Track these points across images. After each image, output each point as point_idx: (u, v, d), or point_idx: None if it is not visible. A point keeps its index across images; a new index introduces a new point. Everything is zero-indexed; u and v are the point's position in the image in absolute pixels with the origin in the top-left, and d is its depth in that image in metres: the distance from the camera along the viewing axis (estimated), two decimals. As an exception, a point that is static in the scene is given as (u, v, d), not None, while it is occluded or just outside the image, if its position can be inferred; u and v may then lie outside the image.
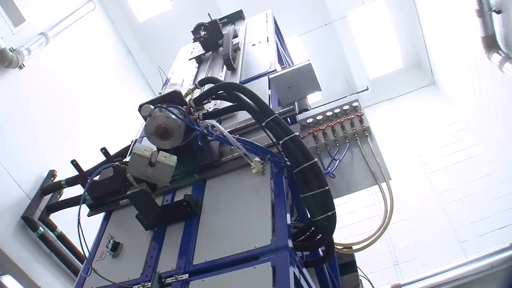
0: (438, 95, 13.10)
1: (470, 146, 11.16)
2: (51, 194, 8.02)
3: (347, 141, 4.34)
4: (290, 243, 3.14)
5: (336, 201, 3.52)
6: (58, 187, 7.92)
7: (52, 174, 8.31)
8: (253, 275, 2.98)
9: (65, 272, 7.92)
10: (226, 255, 3.22)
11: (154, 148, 3.78)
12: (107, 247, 3.85)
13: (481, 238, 9.56)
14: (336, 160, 4.24)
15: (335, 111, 4.51)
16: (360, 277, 5.47)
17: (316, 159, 3.46)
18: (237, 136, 3.84)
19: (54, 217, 7.83)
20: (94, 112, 10.51)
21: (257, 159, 3.68)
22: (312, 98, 6.03)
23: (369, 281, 5.67)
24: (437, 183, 10.90)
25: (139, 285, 3.40)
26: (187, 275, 3.26)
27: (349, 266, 5.31)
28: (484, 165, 10.59)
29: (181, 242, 3.54)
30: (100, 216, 4.45)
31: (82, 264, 4.34)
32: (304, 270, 3.39)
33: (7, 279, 7.99)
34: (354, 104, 4.56)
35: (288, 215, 3.38)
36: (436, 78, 13.36)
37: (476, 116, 10.85)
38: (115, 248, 3.83)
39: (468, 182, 10.48)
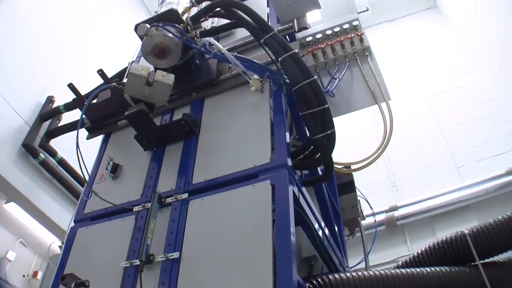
0: (439, 18, 12.81)
1: (470, 72, 11.06)
2: (50, 120, 8.03)
3: (347, 60, 4.27)
4: (289, 162, 3.13)
5: (335, 121, 3.48)
6: (56, 113, 7.90)
7: (50, 100, 8.25)
8: (252, 193, 2.99)
9: (67, 196, 8.02)
10: (225, 174, 3.23)
11: (151, 67, 3.70)
12: (106, 169, 3.85)
13: (478, 164, 9.63)
14: (336, 79, 4.18)
15: (335, 29, 4.41)
16: (359, 198, 5.52)
17: (315, 77, 3.39)
18: (235, 53, 3.75)
19: (54, 143, 7.86)
20: (90, 36, 10.29)
21: (255, 76, 3.61)
22: (311, 18, 5.89)
23: (367, 201, 5.73)
24: (436, 107, 10.86)
25: (139, 206, 3.42)
26: (186, 194, 3.27)
27: (348, 186, 5.36)
28: (484, 91, 10.54)
29: (180, 161, 3.53)
30: (99, 139, 4.42)
31: (83, 188, 4.36)
32: (304, 189, 3.40)
33: (11, 206, 8.11)
34: (354, 23, 4.46)
35: (287, 134, 3.36)
36: (438, 0, 13.02)
37: (477, 42, 10.67)
38: (115, 170, 3.83)
39: (467, 107, 10.46)
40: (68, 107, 7.64)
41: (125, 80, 3.64)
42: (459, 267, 3.52)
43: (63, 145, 7.78)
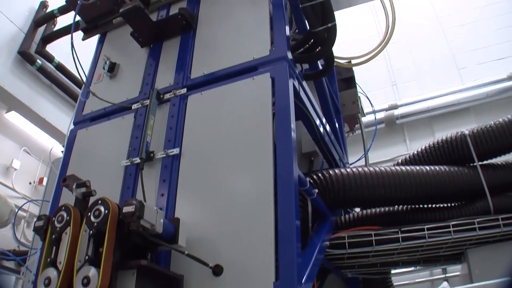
0: None
1: (475, -28, 10.67)
2: (45, 25, 7.84)
3: (349, -51, 4.08)
4: (289, 55, 3.07)
5: (336, 16, 3.37)
6: (51, 17, 7.73)
7: (43, 5, 8.03)
8: (251, 86, 2.96)
9: (67, 101, 8.00)
10: (224, 67, 3.18)
11: (144, -40, 3.55)
12: (103, 68, 3.79)
13: (479, 67, 9.51)
14: (337, -30, 4.01)
15: None
16: (359, 94, 5.49)
17: (315, -35, 3.25)
18: None
19: (51, 48, 7.73)
20: None
21: (254, -31, 3.46)
22: None
23: (367, 97, 5.70)
24: (439, 7, 10.58)
25: (138, 103, 3.40)
26: (185, 89, 3.25)
27: (348, 82, 5.31)
28: (489, -7, 10.20)
29: (178, 57, 3.47)
30: (95, 40, 4.32)
31: (81, 89, 4.31)
32: (304, 83, 3.36)
33: (12, 115, 8.11)
34: None
35: (287, 27, 3.27)
36: None
37: None
38: (112, 68, 3.78)
39: (471, 8, 10.18)
40: (63, 10, 7.45)
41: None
42: (457, 167, 3.53)
43: (59, 50, 7.64)
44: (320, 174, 3.40)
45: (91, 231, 2.27)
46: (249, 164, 2.72)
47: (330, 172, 3.38)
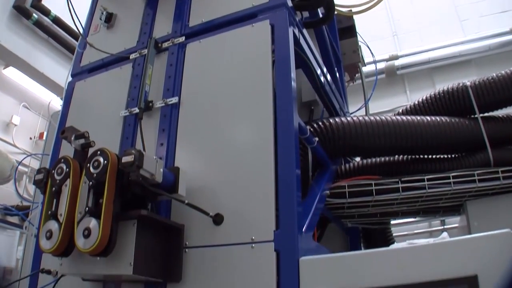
0: None
1: None
2: (40, -23, 7.68)
3: None
4: (289, 1, 3.01)
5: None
6: (46, -31, 7.56)
7: (38, -44, 7.83)
8: (251, 33, 2.90)
9: (65, 54, 7.93)
10: (222, 15, 3.11)
11: None
12: (100, 19, 3.73)
13: (481, 19, 9.38)
14: None
15: None
16: (360, 43, 5.42)
17: None
18: None
19: (47, 1, 7.58)
20: None
21: None
22: None
23: (368, 47, 5.63)
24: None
25: (136, 53, 3.35)
26: (183, 37, 3.19)
27: (349, 31, 5.23)
28: None
29: (176, 5, 3.40)
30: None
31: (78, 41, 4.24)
32: (304, 31, 3.30)
33: (10, 71, 8.07)
34: None
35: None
36: None
37: None
38: (109, 19, 3.72)
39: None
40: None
41: None
42: (458, 118, 3.50)
43: (55, 2, 7.51)
44: (320, 123, 3.37)
45: (91, 182, 2.27)
46: (249, 113, 2.69)
47: (331, 120, 3.36)
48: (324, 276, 2.22)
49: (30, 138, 9.16)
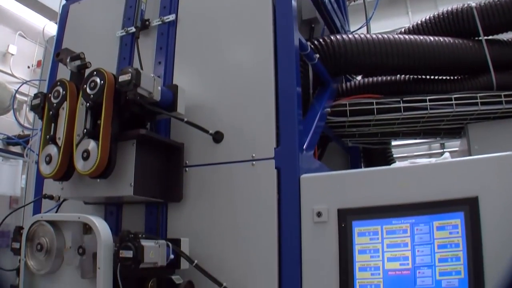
0: None
1: None
2: None
3: None
4: None
5: None
6: None
7: None
8: None
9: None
10: None
11: None
12: None
13: None
14: None
15: None
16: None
17: None
18: None
19: None
20: None
21: None
22: None
23: None
24: None
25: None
26: None
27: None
28: None
29: None
30: None
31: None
32: None
33: (4, 0, 7.85)
34: None
35: None
36: None
37: None
38: None
39: None
40: None
41: None
42: (462, 40, 3.42)
43: None
44: (321, 40, 3.29)
45: (88, 104, 2.25)
46: (248, 29, 2.63)
47: (332, 37, 3.28)
48: (325, 194, 2.23)
49: (28, 67, 9.05)
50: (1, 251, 5.58)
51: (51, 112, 2.38)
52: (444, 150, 7.62)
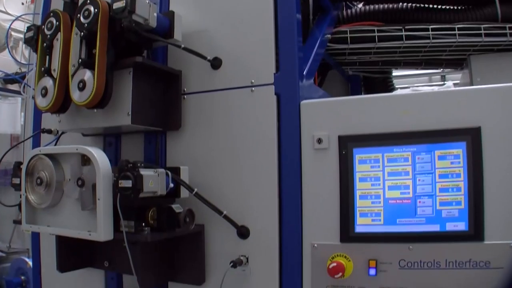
0: None
1: None
2: None
3: None
4: None
5: None
6: None
7: None
8: None
9: None
10: None
11: None
12: None
13: None
14: None
15: None
16: None
17: None
18: None
19: None
20: None
21: None
22: None
23: None
24: None
25: None
26: None
27: None
28: None
29: None
30: None
31: None
32: None
33: None
34: None
35: None
36: None
37: None
38: None
39: None
40: None
41: None
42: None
43: None
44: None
45: (82, 33, 2.18)
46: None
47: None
48: (325, 120, 2.21)
49: (22, 4, 8.86)
50: (4, 189, 5.64)
51: (45, 44, 2.33)
52: (445, 82, 7.55)
